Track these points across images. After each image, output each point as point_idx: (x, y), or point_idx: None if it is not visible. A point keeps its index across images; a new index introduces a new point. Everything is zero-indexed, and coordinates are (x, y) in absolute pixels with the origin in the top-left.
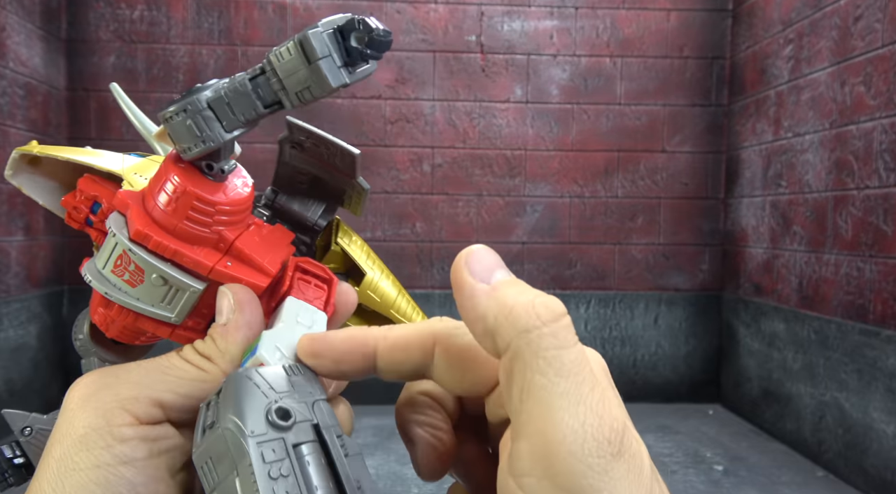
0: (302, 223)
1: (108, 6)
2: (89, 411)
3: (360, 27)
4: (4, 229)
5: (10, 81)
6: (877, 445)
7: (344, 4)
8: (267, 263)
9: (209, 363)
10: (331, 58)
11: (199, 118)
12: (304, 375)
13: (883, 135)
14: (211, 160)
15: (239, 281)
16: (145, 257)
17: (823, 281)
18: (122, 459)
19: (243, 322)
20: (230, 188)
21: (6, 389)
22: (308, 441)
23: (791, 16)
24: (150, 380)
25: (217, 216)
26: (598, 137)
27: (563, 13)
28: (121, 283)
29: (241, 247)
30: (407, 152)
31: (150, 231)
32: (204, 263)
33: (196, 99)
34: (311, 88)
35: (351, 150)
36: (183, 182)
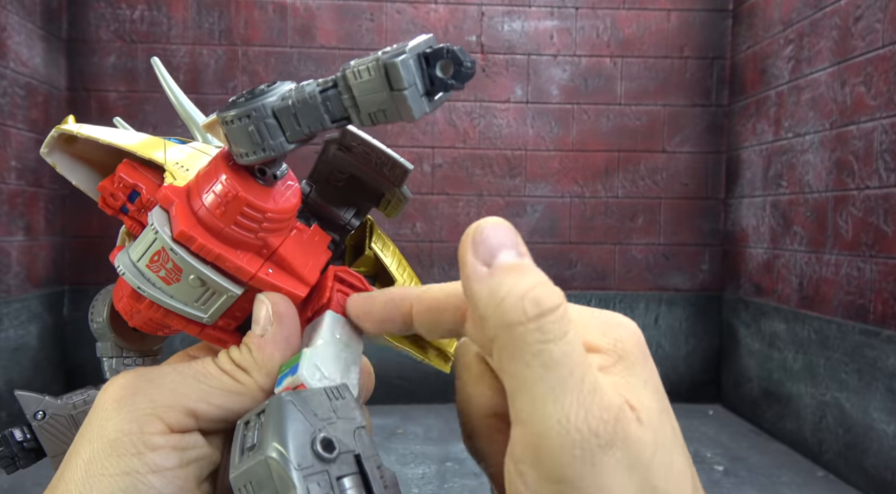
0: (334, 220)
1: (108, 6)
2: (123, 415)
3: (447, 56)
4: (4, 229)
5: (10, 81)
6: (877, 445)
7: (344, 5)
8: (307, 273)
9: (245, 375)
10: (415, 87)
11: (263, 125)
12: (345, 399)
13: (883, 136)
14: (265, 165)
15: (279, 289)
16: (186, 258)
17: (824, 281)
18: (151, 467)
19: (281, 336)
20: (279, 194)
21: (6, 389)
22: (350, 473)
23: (791, 16)
24: (185, 388)
25: (265, 223)
26: (598, 137)
27: (564, 13)
28: (155, 279)
29: (283, 255)
30: (407, 152)
31: (196, 233)
32: (246, 269)
33: (262, 105)
34: (388, 112)
35: (405, 165)
36: (234, 186)
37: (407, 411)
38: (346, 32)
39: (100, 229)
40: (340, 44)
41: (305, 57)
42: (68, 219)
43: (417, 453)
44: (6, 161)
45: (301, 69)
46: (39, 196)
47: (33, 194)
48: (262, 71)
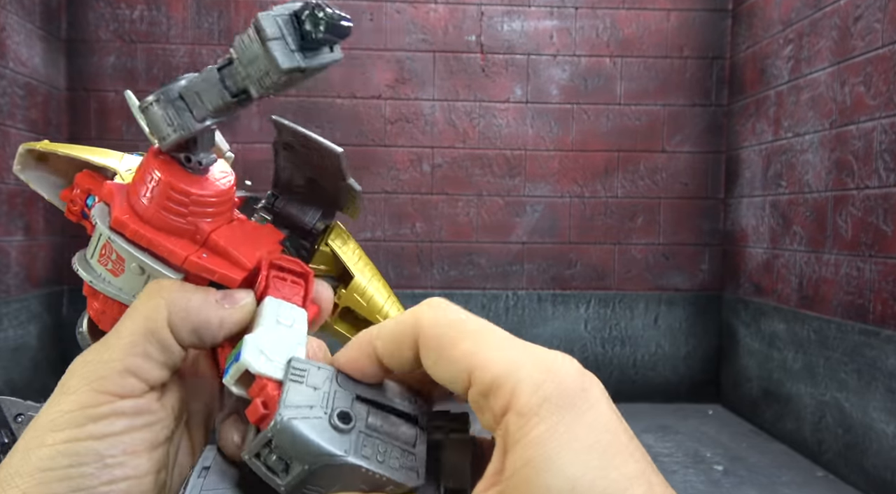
0: (301, 227)
1: (108, 6)
2: (68, 395)
3: (313, 11)
4: (4, 229)
5: (10, 81)
6: (877, 445)
7: (344, 5)
8: (243, 257)
9: (145, 315)
10: (283, 40)
11: (171, 108)
12: (308, 370)
13: (883, 135)
14: (188, 152)
15: (213, 273)
16: (123, 245)
17: (823, 281)
18: (93, 435)
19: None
20: (209, 181)
21: (6, 389)
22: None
23: (791, 16)
24: (111, 353)
25: (192, 207)
26: (598, 137)
27: (563, 13)
28: (105, 273)
29: (216, 239)
30: (407, 152)
31: (128, 220)
32: (178, 253)
33: (169, 89)
34: (270, 73)
35: (333, 149)
36: (160, 171)
37: None
38: None
39: None
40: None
41: None
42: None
43: None
44: (6, 161)
45: None
46: (38, 196)
47: (32, 194)
48: None
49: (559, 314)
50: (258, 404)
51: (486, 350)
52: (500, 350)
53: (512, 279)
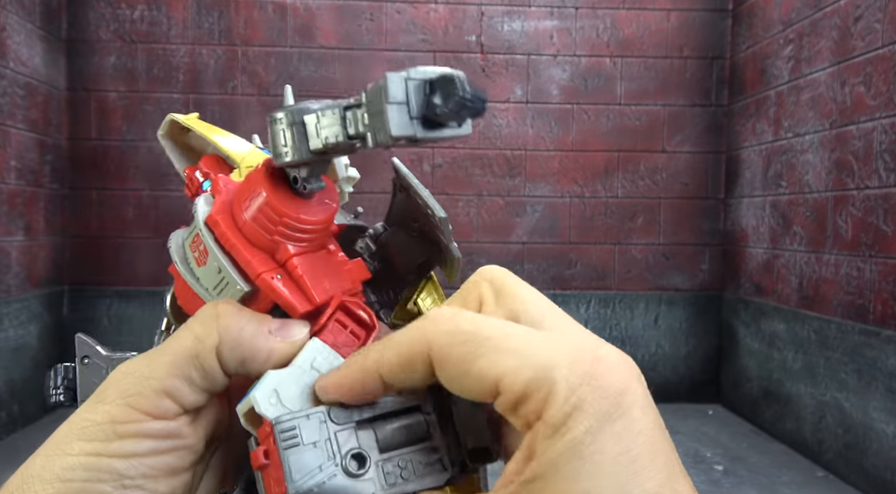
0: (398, 269)
1: (108, 6)
2: (103, 404)
3: (447, 84)
4: (4, 229)
5: (10, 81)
6: (877, 445)
7: (344, 5)
8: (315, 290)
9: (195, 337)
10: (405, 106)
11: (291, 130)
12: (308, 422)
13: (883, 136)
14: (298, 173)
15: (279, 296)
16: (210, 242)
17: (823, 281)
18: (117, 453)
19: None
20: (308, 207)
21: (7, 389)
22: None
23: (791, 16)
24: (154, 370)
25: (282, 227)
26: (598, 137)
27: (563, 13)
28: (192, 259)
29: (295, 266)
30: (407, 152)
31: (221, 220)
32: (254, 266)
33: (297, 109)
34: (385, 129)
35: (437, 211)
36: (262, 184)
37: None
38: (345, 32)
39: (99, 229)
40: (340, 44)
41: (305, 57)
42: (68, 219)
43: None
44: (6, 161)
45: (301, 69)
46: (39, 196)
47: (33, 194)
48: (262, 71)
49: None
50: (260, 453)
51: (511, 357)
52: (527, 354)
53: None
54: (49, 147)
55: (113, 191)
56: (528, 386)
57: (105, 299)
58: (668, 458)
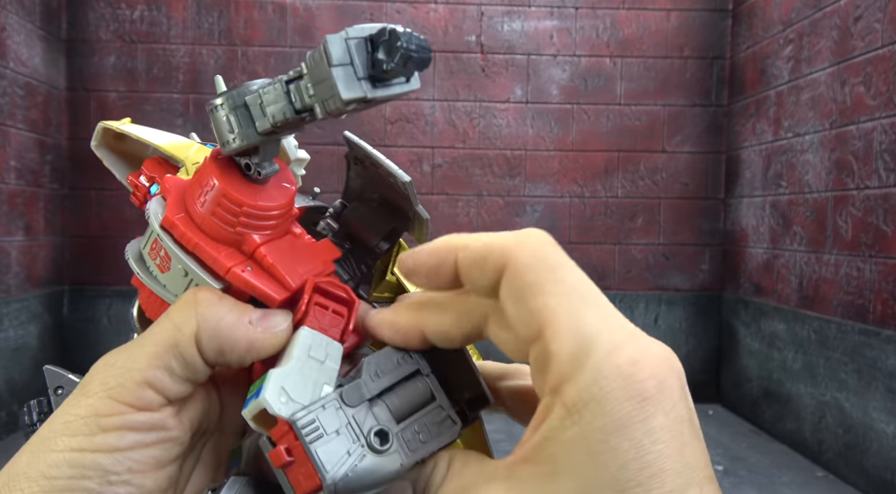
0: (365, 243)
1: (108, 6)
2: (87, 398)
3: (389, 38)
4: (4, 229)
5: (10, 81)
6: (877, 445)
7: (344, 5)
8: (289, 276)
9: (174, 325)
10: (351, 67)
11: (235, 115)
12: (326, 411)
13: (883, 136)
14: (249, 159)
15: (253, 288)
16: (171, 246)
17: (823, 281)
18: (101, 447)
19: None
20: (266, 192)
21: (7, 389)
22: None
23: (791, 16)
24: (136, 361)
25: (244, 218)
26: (598, 137)
27: (563, 13)
28: (153, 267)
29: (264, 254)
30: (407, 152)
31: (178, 221)
32: (222, 263)
33: (236, 93)
34: (335, 97)
35: (402, 176)
36: (216, 177)
37: None
38: None
39: (99, 229)
40: None
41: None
42: (68, 219)
43: None
44: (6, 161)
45: None
46: (39, 196)
47: (33, 194)
48: (262, 71)
49: None
50: (282, 451)
51: (567, 315)
52: (582, 322)
53: None
54: (49, 147)
55: (113, 191)
56: (561, 350)
57: (105, 299)
58: (690, 465)
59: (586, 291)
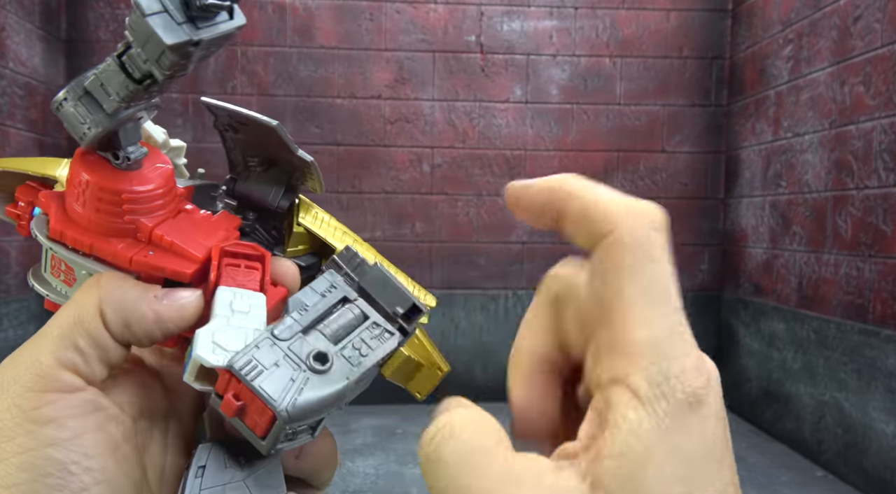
0: (266, 208)
1: (107, 6)
2: (3, 399)
3: None
4: (4, 229)
5: (9, 81)
6: (876, 445)
7: (344, 5)
8: (192, 249)
9: (76, 304)
10: (165, 13)
11: (80, 104)
12: (261, 349)
13: (882, 135)
14: (113, 148)
15: (162, 269)
16: (67, 255)
17: (823, 281)
18: (46, 442)
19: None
20: (141, 175)
21: None
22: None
23: (790, 16)
24: (38, 350)
25: (127, 205)
26: (597, 137)
27: (563, 13)
28: (60, 284)
29: (160, 235)
30: (407, 152)
31: (65, 228)
32: (122, 254)
33: (76, 83)
34: (165, 52)
35: (268, 123)
36: (87, 174)
37: (406, 411)
38: (345, 32)
39: None
40: (340, 44)
41: (305, 57)
42: None
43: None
44: None
45: (301, 69)
46: None
47: None
48: (262, 71)
49: None
50: (230, 398)
51: (649, 310)
52: (661, 321)
53: (512, 279)
54: (48, 147)
55: None
56: (638, 343)
57: None
58: (727, 471)
59: (673, 293)
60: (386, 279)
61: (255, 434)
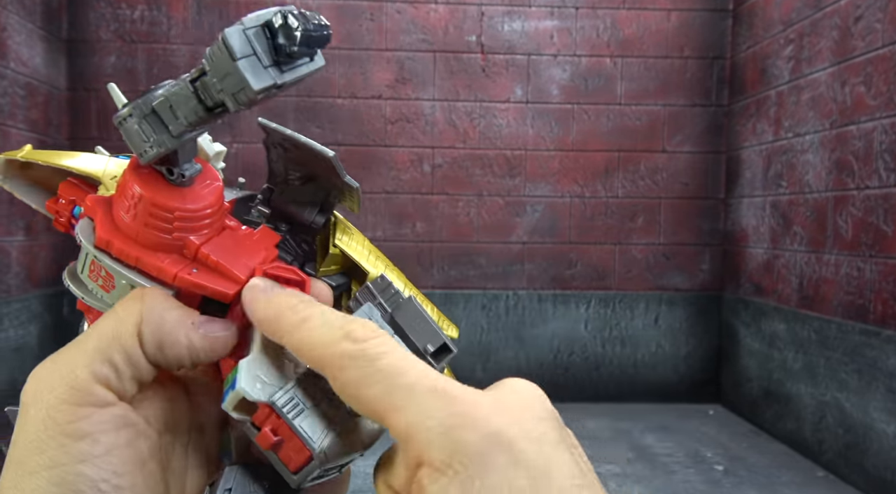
0: (301, 222)
1: (108, 6)
2: (38, 409)
3: (285, 22)
4: (5, 229)
5: (10, 81)
6: (877, 445)
7: (344, 5)
8: (236, 270)
9: (117, 318)
10: (255, 57)
11: (146, 123)
12: (297, 389)
13: (883, 136)
14: (169, 164)
15: (204, 288)
16: (111, 264)
17: (823, 281)
18: (78, 457)
19: None
20: (194, 193)
21: (8, 389)
22: None
23: (791, 16)
24: (76, 360)
25: (178, 222)
26: (598, 137)
27: (564, 13)
28: (96, 288)
29: (206, 254)
30: (407, 152)
31: (112, 237)
32: (167, 270)
33: (142, 102)
34: (245, 90)
35: (325, 153)
36: (139, 187)
37: None
38: (346, 32)
39: None
40: (341, 44)
41: None
42: None
43: None
44: None
45: None
46: None
47: None
48: None
49: (559, 314)
50: (268, 432)
51: (397, 395)
52: (412, 396)
53: (512, 279)
54: (49, 147)
55: None
56: (409, 427)
57: None
58: (557, 482)
59: (403, 371)
60: (419, 314)
61: (287, 469)
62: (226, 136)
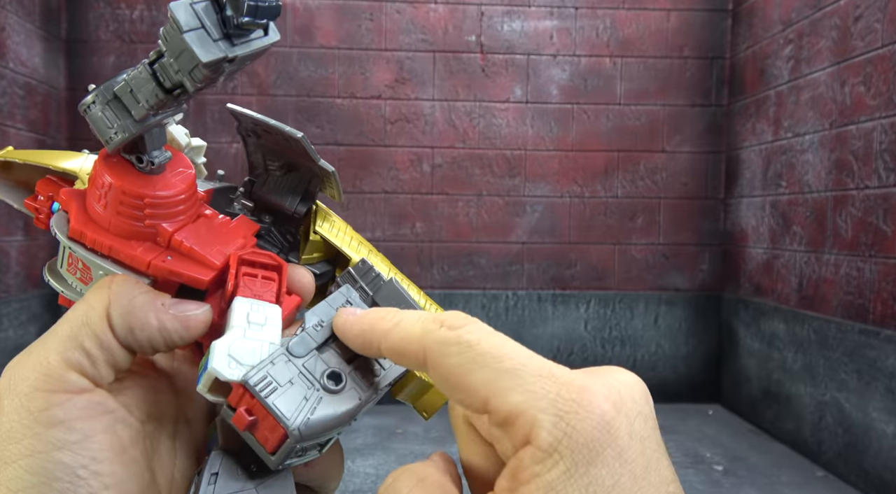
0: (283, 213)
1: (107, 6)
2: (12, 399)
3: None
4: (4, 229)
5: (10, 81)
6: (876, 445)
7: (344, 5)
8: (210, 256)
9: (87, 305)
10: (203, 30)
11: (109, 109)
12: (276, 365)
13: (883, 136)
14: (138, 152)
15: (179, 275)
16: (85, 254)
17: (823, 281)
18: (55, 445)
19: None
20: (164, 180)
21: None
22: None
23: (791, 16)
24: (47, 349)
25: (149, 209)
26: (597, 137)
27: (563, 13)
28: (75, 282)
29: (180, 240)
30: (407, 152)
31: (85, 228)
32: (140, 258)
33: (105, 88)
34: (199, 67)
35: (293, 134)
36: (110, 176)
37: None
38: (345, 32)
39: None
40: (340, 44)
41: (305, 57)
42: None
43: (417, 453)
44: None
45: (300, 69)
46: None
47: None
48: (262, 71)
49: (559, 314)
50: (243, 413)
51: (503, 378)
52: (520, 378)
53: (512, 279)
54: (48, 147)
55: None
56: (514, 409)
57: None
58: (654, 483)
59: (509, 356)
60: (401, 295)
61: (264, 449)
62: (226, 136)
